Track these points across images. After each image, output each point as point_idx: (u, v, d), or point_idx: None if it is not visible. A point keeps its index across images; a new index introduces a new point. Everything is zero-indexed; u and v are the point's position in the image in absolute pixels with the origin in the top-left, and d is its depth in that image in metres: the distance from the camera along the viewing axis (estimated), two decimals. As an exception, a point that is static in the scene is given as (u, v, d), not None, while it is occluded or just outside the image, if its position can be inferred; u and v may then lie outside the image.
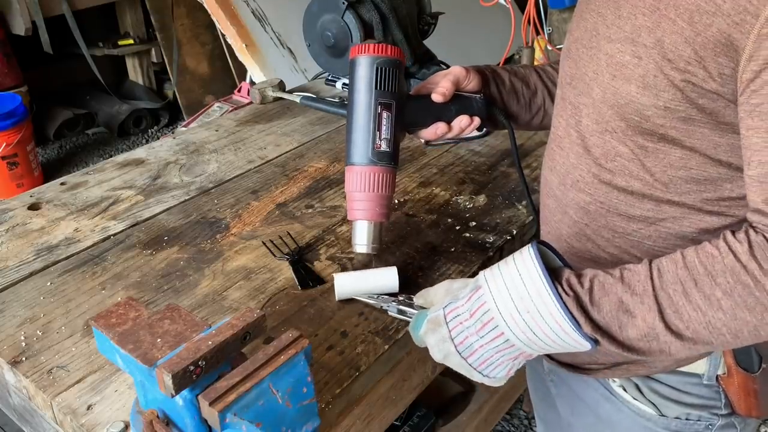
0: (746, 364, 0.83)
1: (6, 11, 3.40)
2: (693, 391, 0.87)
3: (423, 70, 1.74)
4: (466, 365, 0.75)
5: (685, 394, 0.88)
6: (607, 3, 0.77)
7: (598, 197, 0.83)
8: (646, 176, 0.78)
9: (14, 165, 3.28)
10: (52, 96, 4.03)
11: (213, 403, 0.63)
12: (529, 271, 0.71)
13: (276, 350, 0.69)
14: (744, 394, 0.85)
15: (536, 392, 1.14)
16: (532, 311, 0.70)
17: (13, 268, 1.10)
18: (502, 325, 0.71)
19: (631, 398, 0.92)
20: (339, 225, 1.19)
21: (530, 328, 0.70)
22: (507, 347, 0.73)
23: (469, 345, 0.74)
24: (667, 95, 0.70)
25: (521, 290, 0.71)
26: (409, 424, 1.57)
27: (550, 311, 0.69)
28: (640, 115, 0.74)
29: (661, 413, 0.90)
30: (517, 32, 2.21)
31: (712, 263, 0.66)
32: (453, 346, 0.75)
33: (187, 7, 3.93)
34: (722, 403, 0.87)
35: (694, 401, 0.88)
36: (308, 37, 1.75)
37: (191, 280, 1.06)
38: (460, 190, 1.29)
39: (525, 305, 0.70)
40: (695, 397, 0.88)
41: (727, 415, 0.88)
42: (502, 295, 0.72)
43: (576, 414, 1.02)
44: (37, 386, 0.86)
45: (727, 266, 0.65)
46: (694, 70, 0.67)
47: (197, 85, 4.12)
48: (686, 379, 0.87)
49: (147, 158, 1.47)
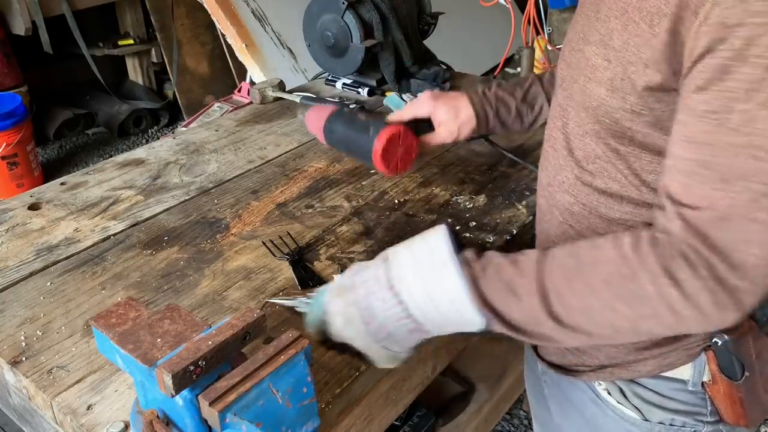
0: (729, 372, 0.82)
1: (6, 11, 3.40)
2: (678, 396, 0.87)
3: (423, 70, 1.75)
4: (364, 332, 0.75)
5: (669, 399, 0.87)
6: (591, 5, 0.77)
7: (580, 199, 0.83)
8: (622, 179, 0.78)
9: (14, 165, 3.28)
10: (52, 96, 4.03)
11: (213, 403, 0.63)
12: (435, 241, 0.73)
13: (276, 350, 0.69)
14: (730, 402, 0.84)
15: (533, 393, 1.14)
16: (432, 276, 0.71)
17: (13, 268, 1.10)
18: (404, 291, 0.72)
19: (615, 402, 0.91)
20: (339, 225, 1.19)
21: (429, 295, 0.71)
22: (405, 317, 0.73)
23: (371, 309, 0.74)
24: (632, 98, 0.71)
25: (426, 257, 0.73)
26: (409, 424, 1.57)
27: (449, 274, 0.70)
28: (611, 118, 0.74)
29: (645, 418, 0.89)
30: (517, 32, 2.21)
31: (598, 253, 0.67)
32: (358, 311, 0.74)
33: (187, 7, 3.93)
34: (708, 410, 0.86)
35: (678, 407, 0.87)
36: (308, 37, 1.75)
37: (191, 280, 1.06)
38: (460, 190, 1.29)
39: (426, 269, 0.72)
40: (680, 403, 0.87)
41: (713, 423, 0.87)
42: (406, 261, 0.74)
43: (565, 415, 1.02)
44: (37, 386, 0.86)
45: (611, 257, 0.66)
46: (652, 73, 0.67)
47: (197, 85, 4.12)
48: (671, 384, 0.86)
49: (147, 158, 1.47)
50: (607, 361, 0.88)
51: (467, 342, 1.20)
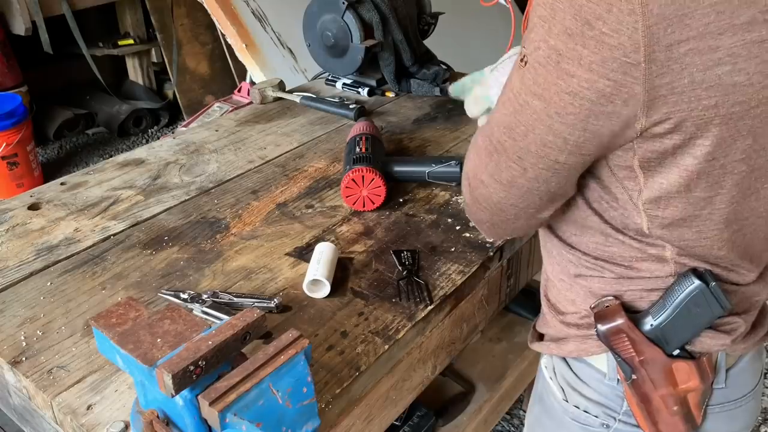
0: (623, 370, 0.83)
1: (6, 11, 3.40)
2: (595, 386, 0.89)
3: (423, 70, 1.75)
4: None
5: (587, 386, 0.89)
6: None
7: None
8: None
9: (14, 165, 3.28)
10: (52, 96, 4.02)
11: (213, 403, 0.63)
12: None
13: (276, 350, 0.69)
14: (634, 405, 0.85)
15: None
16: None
17: (13, 268, 1.10)
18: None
19: (548, 377, 0.96)
20: (339, 225, 1.19)
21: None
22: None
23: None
24: None
25: None
26: (409, 424, 1.57)
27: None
28: None
29: (565, 398, 0.93)
30: (517, 32, 2.20)
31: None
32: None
33: (187, 7, 3.93)
34: (622, 409, 0.87)
35: (593, 396, 0.89)
36: (308, 37, 1.75)
37: (191, 280, 1.06)
38: (460, 190, 1.29)
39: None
40: (596, 393, 0.89)
41: (629, 425, 0.88)
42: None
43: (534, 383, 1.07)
44: (37, 386, 0.86)
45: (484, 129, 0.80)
46: None
47: (197, 85, 4.12)
48: (592, 372, 0.88)
49: (147, 158, 1.47)
50: (550, 334, 0.93)
51: (467, 342, 1.20)
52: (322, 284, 1.00)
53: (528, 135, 0.71)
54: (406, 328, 0.94)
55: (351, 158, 1.25)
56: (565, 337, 0.89)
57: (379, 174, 1.20)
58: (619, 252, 0.81)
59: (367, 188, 1.20)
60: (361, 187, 1.20)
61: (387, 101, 1.75)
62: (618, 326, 0.80)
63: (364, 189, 1.21)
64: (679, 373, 0.81)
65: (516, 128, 0.72)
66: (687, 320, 0.78)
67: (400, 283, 1.02)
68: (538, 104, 0.68)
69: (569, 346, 0.89)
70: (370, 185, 1.20)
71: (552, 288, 0.92)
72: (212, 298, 0.99)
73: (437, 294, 1.01)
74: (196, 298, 0.99)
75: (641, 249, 0.79)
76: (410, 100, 1.75)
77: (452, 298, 1.03)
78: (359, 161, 1.23)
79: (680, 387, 0.82)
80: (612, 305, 0.81)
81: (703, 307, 0.77)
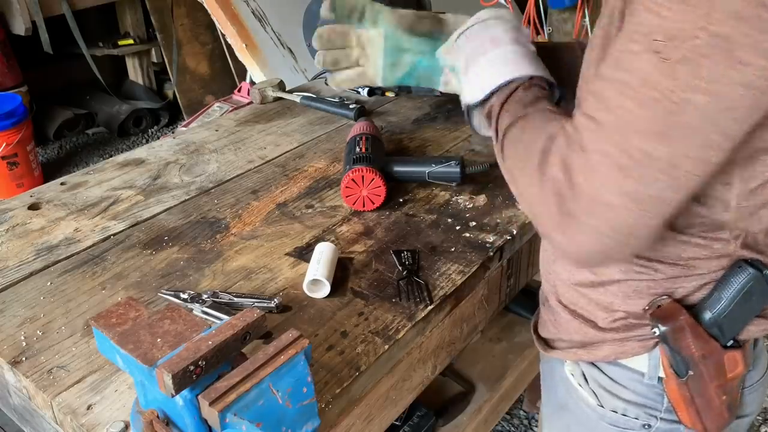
0: (677, 369, 0.82)
1: (6, 11, 3.40)
2: (633, 387, 0.88)
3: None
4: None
5: (624, 389, 0.88)
6: None
7: None
8: None
9: (14, 165, 3.28)
10: (52, 96, 4.03)
11: (213, 403, 0.63)
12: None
13: (276, 350, 0.69)
14: (682, 401, 0.84)
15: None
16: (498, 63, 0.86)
17: (13, 268, 1.10)
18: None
19: (576, 384, 0.94)
20: (339, 225, 1.19)
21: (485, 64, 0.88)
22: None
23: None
24: None
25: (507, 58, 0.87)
26: (409, 424, 1.57)
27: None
28: None
29: (600, 403, 0.91)
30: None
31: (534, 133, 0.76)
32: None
33: (187, 7, 3.93)
34: (663, 406, 0.87)
35: (632, 398, 0.88)
36: (308, 37, 1.75)
37: (191, 280, 1.06)
38: (460, 190, 1.29)
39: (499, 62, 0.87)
40: (634, 394, 0.88)
41: (670, 421, 0.87)
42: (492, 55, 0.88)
43: (547, 391, 1.05)
44: (37, 386, 0.86)
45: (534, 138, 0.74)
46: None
47: (197, 85, 4.13)
48: (629, 374, 0.87)
49: (147, 158, 1.47)
50: (572, 340, 0.91)
51: (467, 342, 1.20)
52: (322, 284, 1.00)
53: (688, 137, 0.62)
54: (406, 328, 0.94)
55: (351, 158, 1.26)
56: (599, 342, 0.87)
57: (379, 174, 1.20)
58: (676, 252, 0.78)
59: (367, 188, 1.21)
60: (361, 187, 1.20)
61: (387, 101, 1.75)
62: (680, 324, 0.79)
63: (364, 189, 1.21)
64: (728, 363, 0.81)
65: (671, 132, 0.62)
66: (743, 310, 0.78)
67: (400, 283, 1.02)
68: (703, 100, 0.60)
69: (604, 350, 0.86)
70: (370, 185, 1.20)
71: (573, 293, 0.89)
72: (212, 298, 0.99)
73: (437, 294, 1.01)
74: (196, 298, 0.99)
75: (706, 246, 0.77)
76: (410, 100, 1.75)
77: (452, 298, 1.03)
78: (359, 161, 1.23)
79: (729, 376, 0.81)
80: (666, 304, 0.80)
81: (758, 295, 0.76)
